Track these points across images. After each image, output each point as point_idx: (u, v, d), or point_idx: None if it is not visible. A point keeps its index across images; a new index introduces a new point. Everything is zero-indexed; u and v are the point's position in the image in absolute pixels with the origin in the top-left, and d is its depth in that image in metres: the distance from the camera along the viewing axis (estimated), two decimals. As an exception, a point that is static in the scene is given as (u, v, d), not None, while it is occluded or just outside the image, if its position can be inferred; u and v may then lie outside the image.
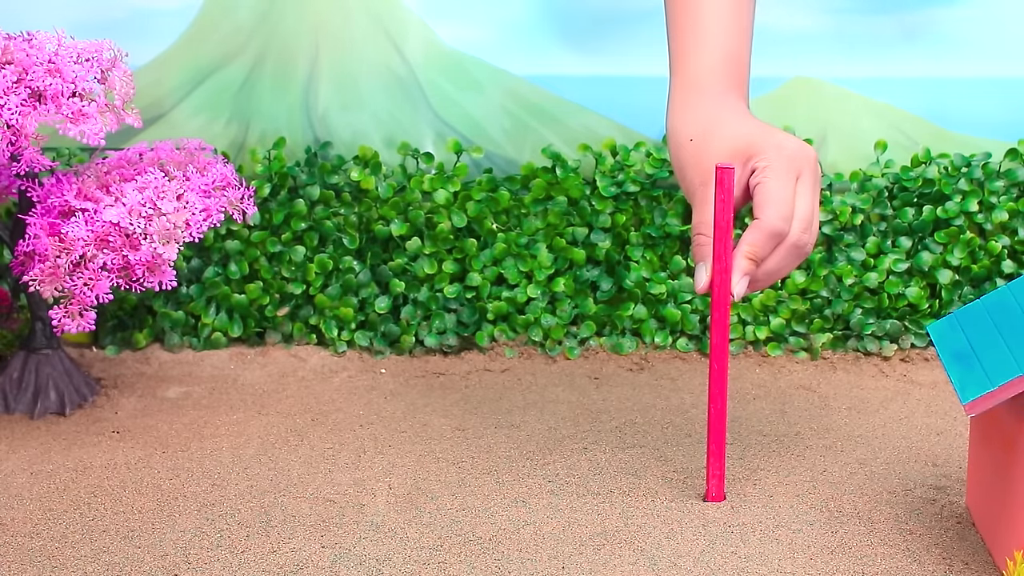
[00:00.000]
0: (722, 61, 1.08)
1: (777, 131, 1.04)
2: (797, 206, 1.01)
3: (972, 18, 1.39)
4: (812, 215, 1.02)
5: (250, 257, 1.35)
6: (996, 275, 1.35)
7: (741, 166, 1.02)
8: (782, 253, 1.02)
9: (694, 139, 1.05)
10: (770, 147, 1.02)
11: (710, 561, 0.98)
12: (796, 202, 1.01)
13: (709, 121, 1.05)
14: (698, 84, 1.08)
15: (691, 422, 1.20)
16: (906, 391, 1.26)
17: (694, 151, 1.05)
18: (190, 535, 1.02)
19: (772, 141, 1.02)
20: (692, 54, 1.09)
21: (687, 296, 1.34)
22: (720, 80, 1.08)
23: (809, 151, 1.03)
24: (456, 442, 1.17)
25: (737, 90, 1.08)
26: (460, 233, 1.36)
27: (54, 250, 1.13)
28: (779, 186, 1.01)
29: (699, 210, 1.04)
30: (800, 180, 1.02)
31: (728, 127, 1.04)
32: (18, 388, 1.23)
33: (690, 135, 1.05)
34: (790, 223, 1.01)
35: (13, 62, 1.13)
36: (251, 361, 1.33)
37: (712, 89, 1.07)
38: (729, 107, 1.06)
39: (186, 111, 1.41)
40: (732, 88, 1.08)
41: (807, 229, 1.02)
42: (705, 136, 1.04)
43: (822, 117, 1.40)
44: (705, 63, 1.08)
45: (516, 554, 0.99)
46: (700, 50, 1.08)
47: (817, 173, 1.03)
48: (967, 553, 0.99)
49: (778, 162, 1.01)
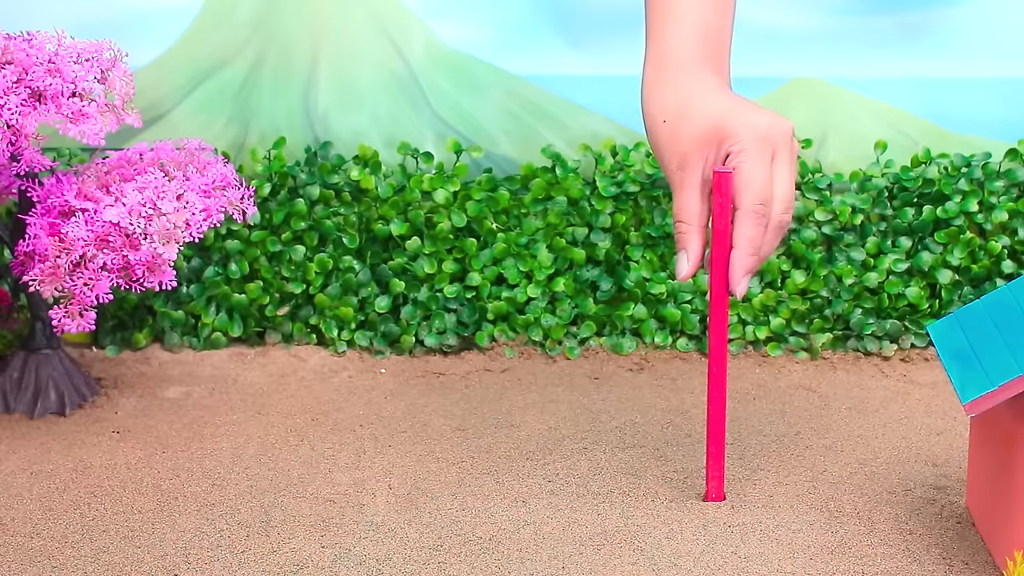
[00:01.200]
0: (696, 34, 1.05)
1: (749, 107, 1.01)
2: (775, 187, 1.00)
3: (972, 18, 1.39)
4: (790, 193, 1.00)
5: (250, 257, 1.35)
6: (996, 275, 1.35)
7: (715, 149, 1.00)
8: (767, 236, 1.00)
9: (667, 120, 1.03)
10: (742, 127, 0.99)
11: (710, 561, 0.98)
12: (774, 183, 1.00)
13: (681, 100, 1.02)
14: (670, 59, 1.05)
15: (691, 422, 1.20)
16: (906, 391, 1.26)
17: (668, 133, 1.02)
18: (190, 535, 1.02)
19: (744, 120, 1.00)
20: (664, 27, 1.06)
21: (687, 296, 1.34)
22: (693, 54, 1.05)
23: (783, 125, 1.01)
24: (456, 442, 1.17)
25: (712, 64, 1.05)
26: (460, 233, 1.36)
27: (54, 250, 1.13)
28: (755, 169, 0.99)
29: (678, 196, 1.02)
30: (776, 159, 1.00)
31: (699, 107, 1.01)
32: (18, 388, 1.23)
33: (663, 116, 1.03)
34: (771, 205, 0.99)
35: (13, 62, 1.13)
36: (251, 361, 1.33)
37: (684, 64, 1.04)
38: (701, 83, 1.03)
39: (186, 111, 1.41)
40: (706, 62, 1.05)
41: (788, 209, 1.00)
42: (678, 117, 1.02)
43: (822, 117, 1.40)
44: (677, 37, 1.05)
45: (516, 554, 0.99)
46: (673, 23, 1.05)
47: (792, 148, 1.01)
48: (967, 553, 0.99)
49: (752, 144, 0.99)
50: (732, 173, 0.99)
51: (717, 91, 1.03)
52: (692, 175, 1.01)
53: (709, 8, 1.06)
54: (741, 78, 1.40)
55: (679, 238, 1.02)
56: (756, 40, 1.39)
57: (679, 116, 1.02)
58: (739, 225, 0.99)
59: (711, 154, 1.00)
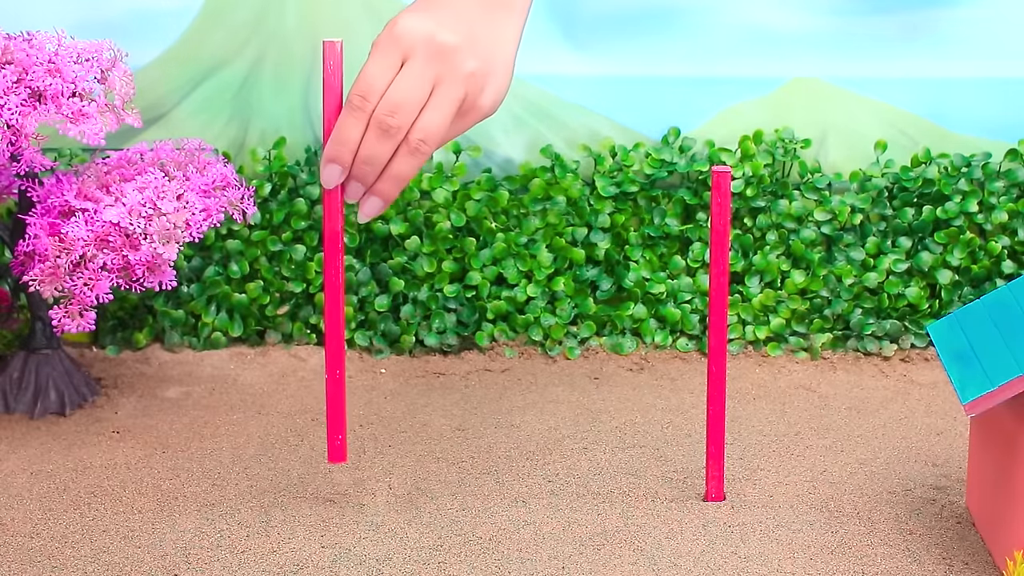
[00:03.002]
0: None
1: (414, 9, 0.96)
2: (390, 88, 0.94)
3: (972, 18, 1.38)
4: (405, 99, 0.94)
5: (250, 256, 1.35)
6: (996, 275, 1.35)
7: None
8: (369, 136, 0.95)
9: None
10: (388, 24, 0.95)
11: (710, 561, 0.98)
12: (392, 84, 0.94)
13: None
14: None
15: (691, 422, 1.20)
16: (906, 391, 1.26)
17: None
18: (190, 535, 1.02)
19: (394, 19, 0.95)
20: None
21: (687, 296, 1.34)
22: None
23: (426, 32, 0.95)
24: (456, 442, 1.17)
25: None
26: (459, 232, 1.36)
27: (54, 250, 1.13)
28: (369, 63, 0.94)
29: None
30: (407, 64, 0.95)
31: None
32: (18, 388, 1.23)
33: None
34: (369, 100, 0.94)
35: (13, 62, 1.13)
36: (251, 361, 1.33)
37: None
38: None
39: (186, 111, 1.41)
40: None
41: (393, 112, 0.94)
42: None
43: (822, 117, 1.40)
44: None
45: (516, 554, 0.99)
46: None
47: (434, 60, 0.95)
48: (967, 553, 0.99)
49: (382, 39, 0.95)
50: (729, 173, 0.99)
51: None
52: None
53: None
54: (741, 78, 1.40)
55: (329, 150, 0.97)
56: (756, 40, 1.39)
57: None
58: (340, 115, 0.95)
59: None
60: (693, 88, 1.40)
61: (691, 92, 1.40)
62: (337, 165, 0.96)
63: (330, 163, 0.96)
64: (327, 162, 0.96)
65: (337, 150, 0.96)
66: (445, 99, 0.96)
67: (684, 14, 1.39)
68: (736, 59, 1.40)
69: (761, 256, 1.35)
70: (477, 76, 0.97)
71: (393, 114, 0.95)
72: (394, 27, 0.95)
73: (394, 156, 0.96)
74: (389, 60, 0.95)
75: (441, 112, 0.96)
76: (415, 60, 0.95)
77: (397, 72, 0.95)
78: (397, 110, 0.94)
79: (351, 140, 0.95)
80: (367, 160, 0.96)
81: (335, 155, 0.96)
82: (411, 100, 0.95)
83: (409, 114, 0.95)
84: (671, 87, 1.40)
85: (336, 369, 1.00)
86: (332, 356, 1.00)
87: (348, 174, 0.97)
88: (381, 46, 0.95)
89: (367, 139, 0.95)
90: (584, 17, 1.40)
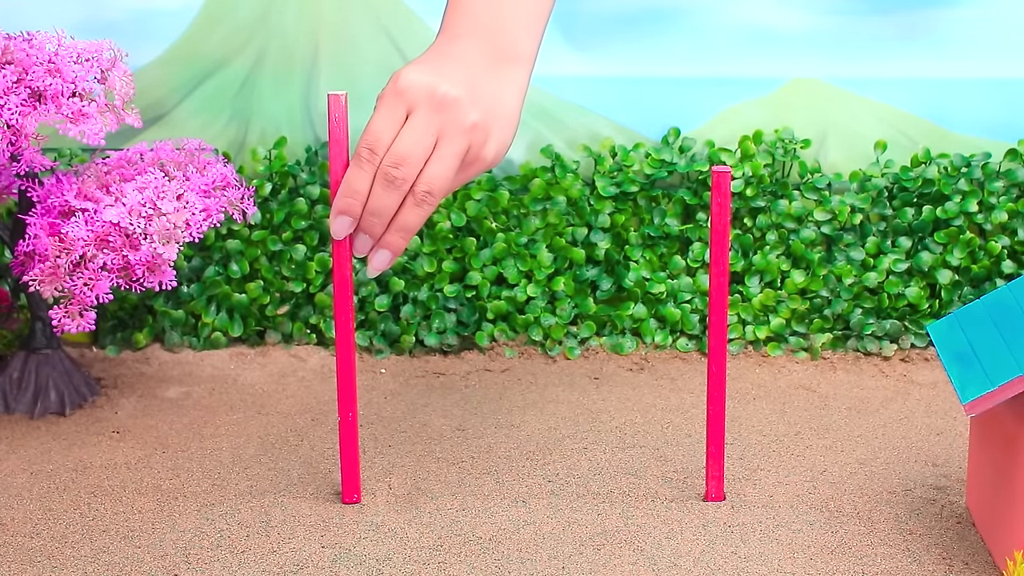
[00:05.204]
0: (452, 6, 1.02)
1: (420, 62, 0.98)
2: (395, 141, 0.96)
3: (972, 18, 1.39)
4: (410, 152, 0.97)
5: (251, 256, 1.35)
6: (996, 275, 1.35)
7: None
8: (375, 188, 0.97)
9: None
10: (393, 77, 0.97)
11: (710, 561, 0.98)
12: (397, 137, 0.96)
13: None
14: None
15: (691, 422, 1.20)
16: (906, 391, 1.26)
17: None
18: (190, 535, 1.02)
19: (398, 72, 0.97)
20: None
21: (687, 296, 1.34)
22: (450, 26, 1.01)
23: (429, 85, 0.97)
24: (456, 442, 1.17)
25: (453, 29, 1.01)
26: (460, 232, 1.36)
27: (54, 250, 1.13)
28: (376, 117, 0.97)
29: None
30: (412, 117, 0.97)
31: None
32: (18, 388, 1.23)
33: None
34: (376, 152, 0.96)
35: (13, 62, 1.13)
36: (251, 361, 1.33)
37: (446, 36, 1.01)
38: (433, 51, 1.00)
39: (186, 111, 1.41)
40: (448, 31, 1.01)
41: (398, 163, 0.96)
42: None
43: (822, 117, 1.40)
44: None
45: (516, 554, 0.99)
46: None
47: (437, 113, 0.96)
48: (967, 553, 0.99)
49: (386, 93, 0.97)
50: (729, 173, 0.99)
51: (428, 52, 1.00)
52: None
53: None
54: (741, 78, 1.40)
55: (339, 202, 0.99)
56: (756, 40, 1.39)
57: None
58: (348, 168, 0.98)
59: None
60: (693, 88, 1.40)
61: (691, 92, 1.40)
62: (347, 216, 0.98)
63: (340, 215, 0.98)
64: (337, 214, 0.98)
65: (347, 202, 0.98)
66: (448, 151, 0.98)
67: (684, 14, 1.39)
68: (736, 59, 1.40)
69: (761, 256, 1.35)
70: (480, 128, 0.99)
71: (398, 166, 0.97)
72: (398, 81, 0.97)
73: (400, 208, 0.99)
74: (394, 113, 0.97)
75: (445, 164, 0.98)
76: (418, 113, 0.97)
77: (402, 125, 0.97)
78: (402, 162, 0.97)
79: (360, 192, 0.98)
80: (374, 212, 0.98)
81: (345, 207, 0.98)
82: (415, 152, 0.97)
83: (414, 166, 0.97)
84: (671, 87, 1.40)
85: (349, 412, 1.03)
86: (344, 399, 1.02)
87: (356, 226, 0.99)
88: (386, 100, 0.97)
89: (374, 191, 0.98)
90: (584, 17, 1.40)
